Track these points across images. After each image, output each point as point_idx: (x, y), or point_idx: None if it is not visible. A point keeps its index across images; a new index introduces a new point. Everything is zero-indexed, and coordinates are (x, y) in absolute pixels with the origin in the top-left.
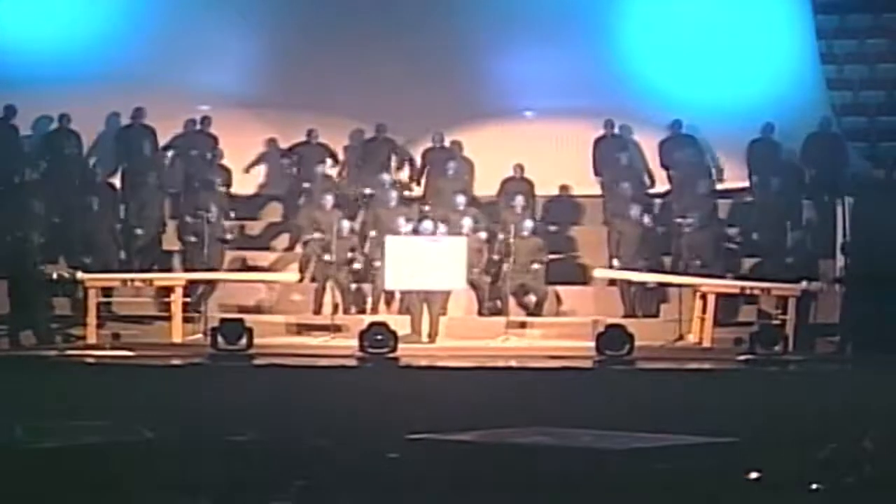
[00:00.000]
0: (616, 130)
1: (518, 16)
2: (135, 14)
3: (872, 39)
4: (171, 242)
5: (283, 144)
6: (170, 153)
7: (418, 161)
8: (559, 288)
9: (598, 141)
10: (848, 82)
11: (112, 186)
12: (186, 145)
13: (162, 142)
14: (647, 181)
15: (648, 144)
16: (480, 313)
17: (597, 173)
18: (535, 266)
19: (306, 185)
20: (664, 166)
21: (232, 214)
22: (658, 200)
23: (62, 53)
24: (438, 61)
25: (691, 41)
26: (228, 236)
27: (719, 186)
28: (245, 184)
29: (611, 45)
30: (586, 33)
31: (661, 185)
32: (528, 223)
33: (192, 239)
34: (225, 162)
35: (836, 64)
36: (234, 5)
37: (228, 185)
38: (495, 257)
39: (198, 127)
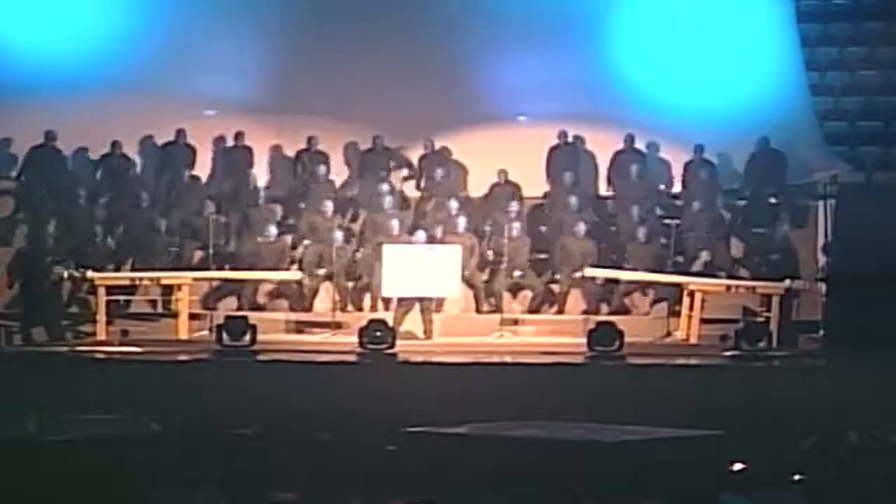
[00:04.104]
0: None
1: (503, 22)
2: (139, 21)
3: (853, 47)
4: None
5: (286, 150)
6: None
7: (416, 167)
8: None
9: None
10: (829, 88)
11: None
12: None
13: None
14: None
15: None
16: (478, 310)
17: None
18: (525, 265)
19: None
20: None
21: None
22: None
23: (65, 59)
24: (434, 67)
25: (679, 47)
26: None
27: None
28: None
29: (594, 51)
30: (567, 41)
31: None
32: (518, 224)
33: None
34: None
35: (818, 71)
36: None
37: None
38: (489, 257)
39: (231, 143)
